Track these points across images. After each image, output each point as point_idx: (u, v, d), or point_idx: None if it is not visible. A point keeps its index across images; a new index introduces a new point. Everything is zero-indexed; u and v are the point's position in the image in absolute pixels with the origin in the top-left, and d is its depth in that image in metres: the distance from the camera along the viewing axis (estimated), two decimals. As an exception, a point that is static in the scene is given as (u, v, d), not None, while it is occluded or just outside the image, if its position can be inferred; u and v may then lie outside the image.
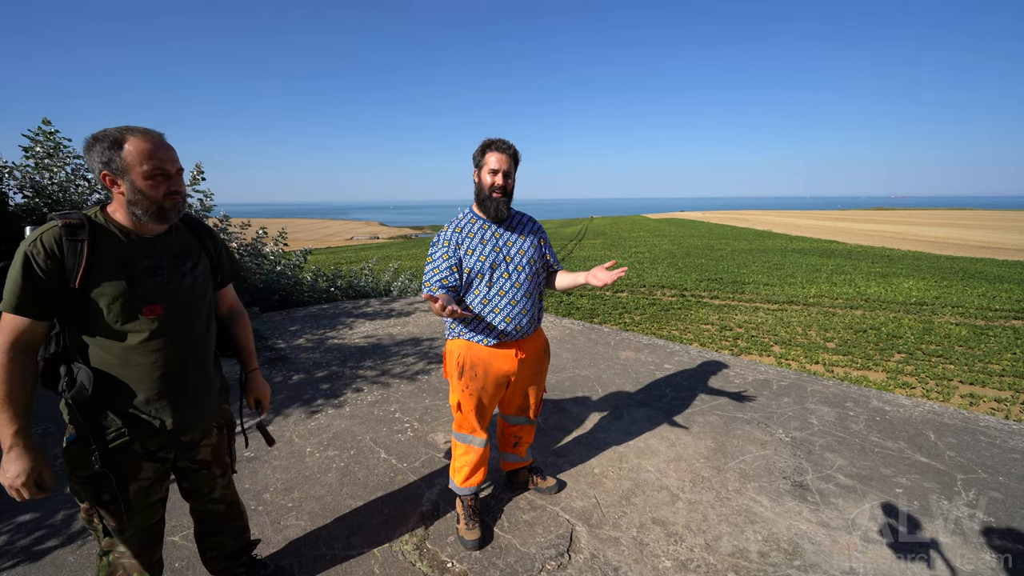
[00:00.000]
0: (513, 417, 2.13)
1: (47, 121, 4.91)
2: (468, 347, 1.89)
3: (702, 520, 2.04)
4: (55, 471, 1.26)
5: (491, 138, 1.82)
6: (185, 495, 1.53)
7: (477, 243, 1.83)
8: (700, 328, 10.49)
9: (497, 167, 1.77)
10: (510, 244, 1.87)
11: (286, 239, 7.17)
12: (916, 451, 2.54)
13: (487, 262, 1.82)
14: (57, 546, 1.92)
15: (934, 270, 18.47)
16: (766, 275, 17.34)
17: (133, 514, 1.30)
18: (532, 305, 1.91)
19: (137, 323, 1.22)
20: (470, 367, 1.88)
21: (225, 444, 1.55)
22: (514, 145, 1.82)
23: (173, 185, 1.21)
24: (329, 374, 3.81)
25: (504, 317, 1.84)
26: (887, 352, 8.84)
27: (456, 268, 1.81)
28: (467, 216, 1.89)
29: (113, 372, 1.22)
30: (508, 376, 1.92)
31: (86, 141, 1.16)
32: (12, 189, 4.64)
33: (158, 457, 1.34)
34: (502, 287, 1.84)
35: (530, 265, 1.89)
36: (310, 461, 2.53)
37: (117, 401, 1.23)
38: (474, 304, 1.85)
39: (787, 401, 3.16)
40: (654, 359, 4.04)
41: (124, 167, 1.15)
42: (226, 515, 1.61)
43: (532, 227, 1.96)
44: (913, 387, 7.36)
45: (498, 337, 1.86)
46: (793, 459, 2.48)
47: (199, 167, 5.87)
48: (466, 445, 1.98)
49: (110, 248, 1.20)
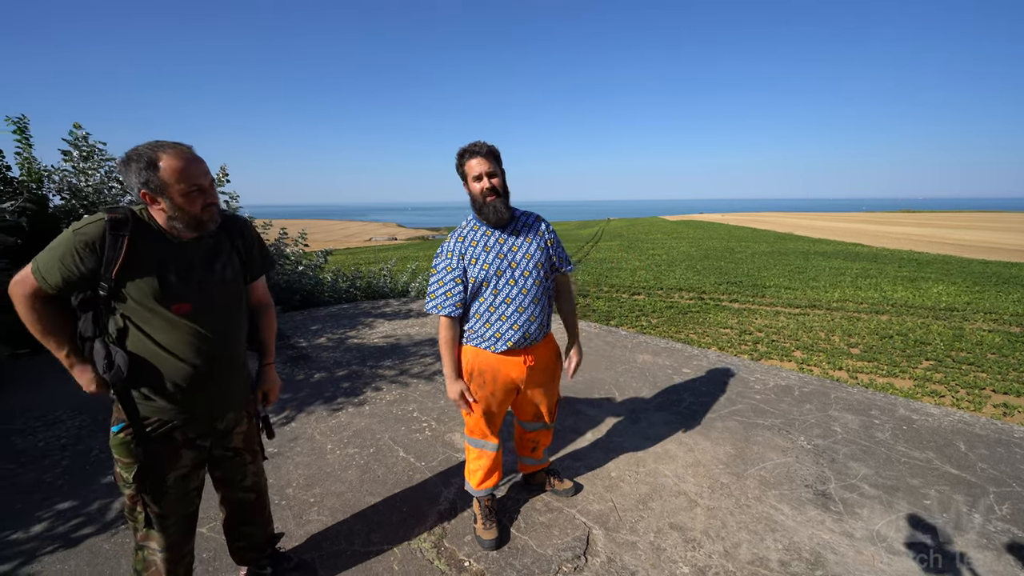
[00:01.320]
0: (529, 423, 2.11)
1: (78, 125, 5.11)
2: (476, 354, 1.87)
3: (721, 527, 2.02)
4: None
5: (463, 146, 1.76)
6: (217, 484, 1.59)
7: (481, 251, 1.78)
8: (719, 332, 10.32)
9: (479, 172, 1.72)
10: (515, 249, 1.81)
11: (307, 240, 7.31)
12: (945, 462, 2.46)
13: (491, 270, 1.77)
14: (92, 533, 2.01)
15: (965, 274, 17.80)
16: (787, 278, 16.96)
17: (172, 502, 1.37)
18: (541, 311, 1.86)
19: (168, 319, 1.29)
20: (478, 374, 1.87)
21: (255, 431, 1.63)
22: (487, 143, 1.75)
23: (208, 198, 1.28)
24: (349, 373, 3.88)
25: (512, 325, 1.80)
26: (914, 359, 8.56)
27: (460, 280, 1.79)
28: (469, 224, 1.84)
29: (150, 360, 1.29)
30: (517, 383, 1.90)
31: (120, 160, 1.23)
32: (51, 192, 4.85)
33: (196, 445, 1.42)
34: (508, 294, 1.79)
35: (537, 269, 1.82)
36: (331, 458, 2.59)
37: (154, 389, 1.31)
38: (481, 312, 1.81)
39: (809, 408, 3.10)
40: (672, 363, 4.00)
41: (162, 186, 1.21)
42: (255, 504, 1.66)
43: (538, 228, 1.88)
44: (942, 396, 7.11)
45: (506, 344, 1.82)
46: (815, 467, 2.43)
47: (223, 169, 6.04)
48: (479, 450, 1.98)
49: (148, 246, 1.27)
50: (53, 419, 3.05)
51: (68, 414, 3.11)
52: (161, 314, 1.28)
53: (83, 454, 2.64)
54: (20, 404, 3.28)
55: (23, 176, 4.74)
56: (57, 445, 2.74)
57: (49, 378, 3.76)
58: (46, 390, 3.52)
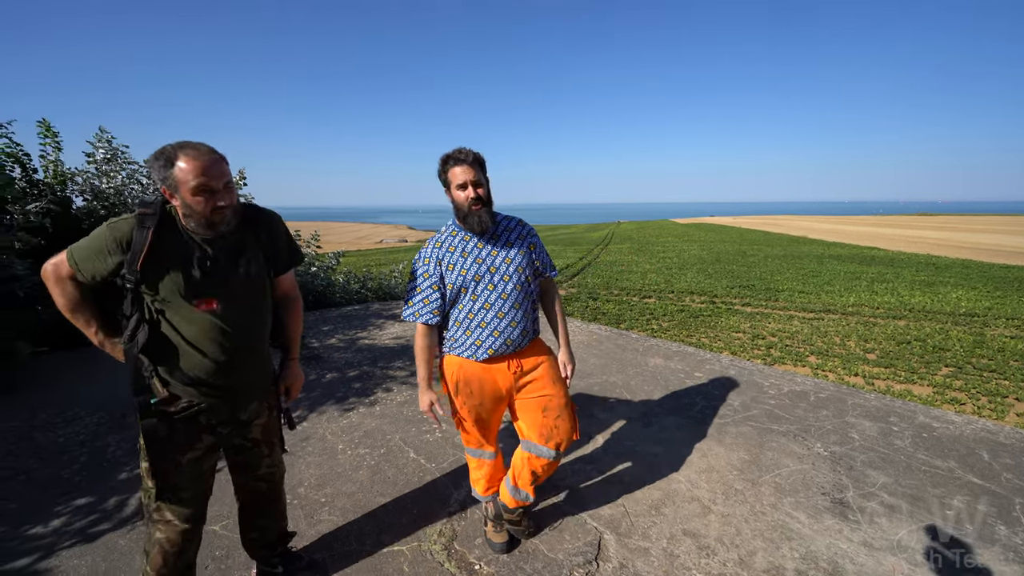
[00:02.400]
0: (539, 447, 1.80)
1: (104, 129, 5.24)
2: (460, 365, 1.81)
3: (735, 534, 1.98)
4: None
5: (446, 153, 1.70)
6: (233, 469, 1.62)
7: (458, 257, 1.74)
8: (731, 336, 10.19)
9: (463, 180, 1.67)
10: (495, 254, 1.75)
11: (319, 241, 7.38)
12: (968, 471, 2.40)
13: (469, 275, 1.72)
14: (109, 529, 2.04)
15: (985, 279, 17.37)
16: (801, 282, 16.70)
17: (186, 478, 1.42)
18: (523, 316, 1.78)
19: (190, 314, 1.33)
20: (464, 384, 1.81)
21: (275, 424, 1.65)
22: (472, 150, 1.70)
23: (219, 199, 1.28)
24: (360, 374, 3.91)
25: (492, 331, 1.74)
26: (933, 365, 8.36)
27: (437, 287, 1.75)
28: (448, 230, 1.80)
29: (176, 349, 1.34)
30: (504, 391, 1.81)
31: (151, 156, 1.28)
32: (74, 193, 4.97)
33: (216, 431, 1.46)
34: (487, 299, 1.73)
35: (518, 274, 1.76)
36: (342, 458, 2.60)
37: (179, 377, 1.36)
38: (460, 318, 1.77)
39: (825, 414, 3.04)
40: (684, 367, 3.96)
41: (175, 184, 1.25)
42: (267, 496, 1.68)
43: (520, 232, 1.82)
44: (963, 403, 6.93)
45: (487, 352, 1.75)
46: (832, 474, 2.38)
47: (242, 172, 6.14)
48: (478, 459, 1.96)
49: (172, 241, 1.32)
50: (72, 416, 3.11)
51: (87, 411, 3.17)
52: (184, 308, 1.32)
53: (100, 451, 2.69)
54: (40, 401, 3.36)
55: (47, 178, 4.86)
56: (76, 441, 2.79)
57: (69, 376, 3.84)
58: (65, 387, 3.59)
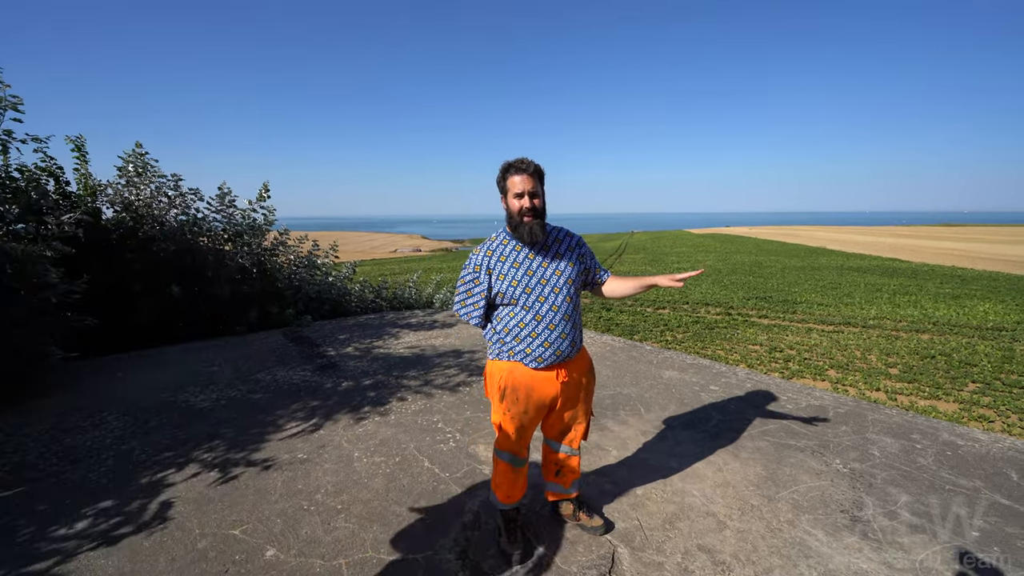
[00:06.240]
0: (555, 443, 2.04)
1: (139, 144, 5.49)
2: (511, 370, 1.84)
3: (752, 551, 1.95)
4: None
5: (509, 160, 1.75)
6: None
7: (509, 267, 1.77)
8: (747, 348, 10.02)
9: (521, 190, 1.70)
10: (545, 266, 1.78)
11: (336, 252, 7.53)
12: (995, 491, 2.33)
13: (520, 287, 1.75)
14: (132, 532, 2.10)
15: (1015, 292, 16.81)
16: (820, 294, 16.38)
17: None
18: (572, 328, 1.82)
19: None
20: (511, 391, 1.84)
21: None
22: (533, 162, 1.74)
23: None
24: (375, 382, 3.96)
25: (542, 343, 1.78)
26: (959, 381, 8.10)
27: (485, 295, 1.81)
28: (500, 238, 1.83)
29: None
30: (550, 399, 1.87)
31: None
32: (104, 204, 5.18)
33: None
34: (538, 312, 1.76)
35: (568, 286, 1.80)
36: (358, 466, 2.64)
37: None
38: (511, 326, 1.80)
39: (845, 430, 2.98)
40: (699, 379, 3.92)
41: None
42: None
43: (570, 243, 1.86)
44: (991, 420, 6.69)
45: (537, 362, 1.80)
46: (852, 492, 2.33)
47: (265, 186, 6.34)
48: (506, 464, 1.97)
49: None
50: (100, 420, 3.22)
51: (114, 415, 3.28)
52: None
53: (126, 454, 2.77)
54: (71, 404, 3.48)
55: (79, 190, 5.08)
56: (103, 445, 2.88)
57: (98, 380, 3.97)
58: (95, 392, 3.71)
